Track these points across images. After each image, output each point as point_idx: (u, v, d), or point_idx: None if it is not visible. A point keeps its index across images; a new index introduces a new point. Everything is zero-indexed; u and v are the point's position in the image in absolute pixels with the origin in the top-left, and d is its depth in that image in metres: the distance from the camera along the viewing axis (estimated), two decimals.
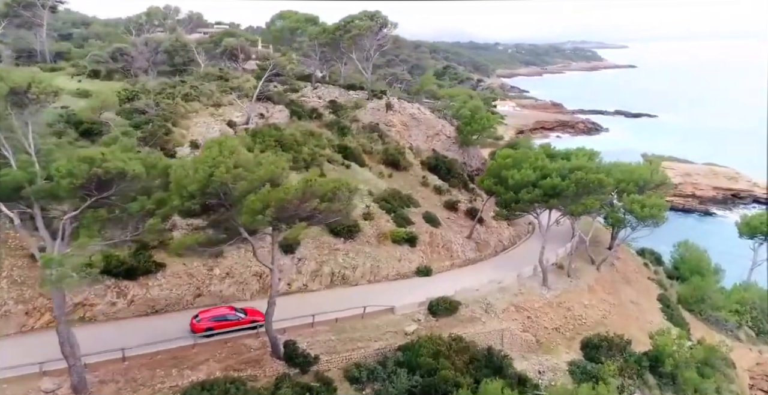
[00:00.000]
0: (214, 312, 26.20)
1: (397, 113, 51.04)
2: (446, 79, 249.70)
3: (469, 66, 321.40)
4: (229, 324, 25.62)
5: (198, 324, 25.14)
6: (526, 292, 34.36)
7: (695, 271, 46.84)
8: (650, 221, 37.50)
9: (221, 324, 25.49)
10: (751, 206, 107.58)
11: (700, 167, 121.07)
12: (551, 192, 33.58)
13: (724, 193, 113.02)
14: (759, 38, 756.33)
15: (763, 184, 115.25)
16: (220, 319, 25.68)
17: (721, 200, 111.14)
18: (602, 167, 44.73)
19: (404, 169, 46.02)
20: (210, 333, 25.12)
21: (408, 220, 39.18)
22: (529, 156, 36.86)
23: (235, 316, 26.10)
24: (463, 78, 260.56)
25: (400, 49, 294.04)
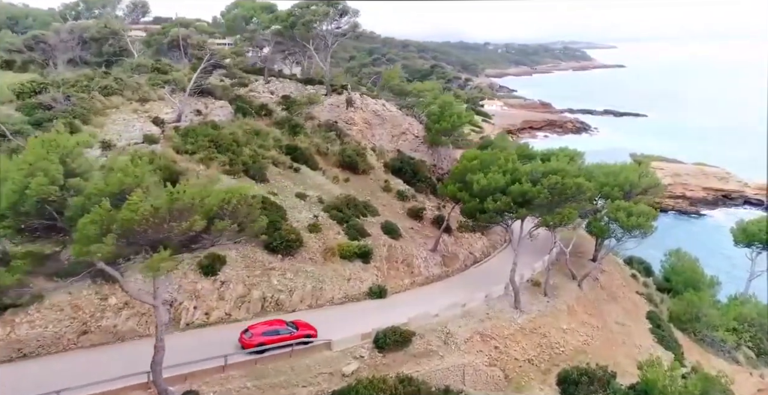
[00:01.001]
0: (264, 326, 24.40)
1: (359, 110, 45.95)
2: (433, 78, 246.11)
3: (458, 66, 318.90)
4: (281, 339, 23.88)
5: (249, 340, 23.43)
6: (495, 316, 29.39)
7: (688, 284, 42.36)
8: (637, 232, 32.78)
9: (273, 339, 23.71)
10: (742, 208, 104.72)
11: (689, 167, 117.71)
12: (521, 200, 28.69)
13: (715, 194, 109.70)
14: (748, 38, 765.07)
15: (754, 184, 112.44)
16: (272, 334, 23.88)
17: (712, 201, 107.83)
18: (584, 169, 40.20)
19: (363, 172, 40.92)
20: (262, 349, 23.25)
21: (362, 231, 34.07)
22: (498, 158, 31.94)
23: (287, 330, 24.43)
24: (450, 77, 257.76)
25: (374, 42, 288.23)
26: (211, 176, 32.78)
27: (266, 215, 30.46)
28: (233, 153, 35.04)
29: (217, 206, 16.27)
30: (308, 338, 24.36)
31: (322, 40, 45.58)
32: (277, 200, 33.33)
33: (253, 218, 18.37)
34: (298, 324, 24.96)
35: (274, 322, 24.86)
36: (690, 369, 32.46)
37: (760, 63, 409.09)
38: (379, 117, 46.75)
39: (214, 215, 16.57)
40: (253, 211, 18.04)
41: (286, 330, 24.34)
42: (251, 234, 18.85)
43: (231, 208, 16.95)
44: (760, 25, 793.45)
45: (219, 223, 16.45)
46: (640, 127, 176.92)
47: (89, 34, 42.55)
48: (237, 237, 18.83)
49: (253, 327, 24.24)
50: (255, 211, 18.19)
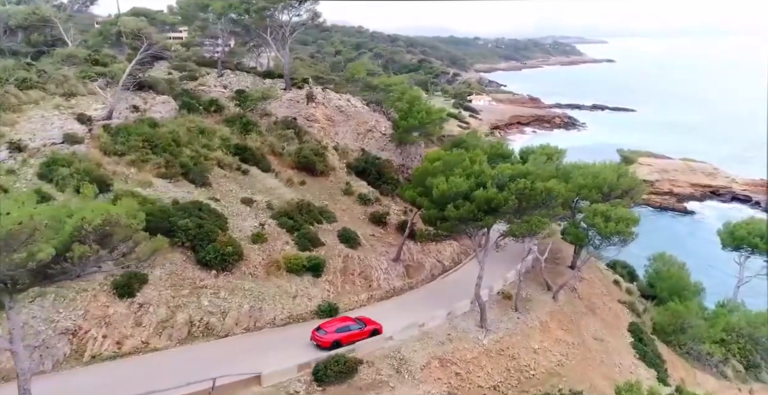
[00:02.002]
0: (336, 323, 24.88)
1: (321, 106, 42.32)
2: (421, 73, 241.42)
3: (447, 60, 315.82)
4: (353, 335, 24.44)
5: (325, 338, 23.80)
6: (457, 337, 26.21)
7: (673, 291, 39.60)
8: (616, 239, 29.73)
9: (347, 335, 24.24)
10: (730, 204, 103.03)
11: (677, 162, 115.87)
12: (486, 207, 25.42)
13: (702, 190, 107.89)
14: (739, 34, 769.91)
15: (742, 180, 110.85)
16: (345, 330, 24.41)
17: (699, 197, 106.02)
18: (562, 169, 37.13)
19: (322, 174, 37.42)
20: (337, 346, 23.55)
21: (315, 241, 30.67)
22: (463, 159, 28.62)
23: (357, 326, 25.00)
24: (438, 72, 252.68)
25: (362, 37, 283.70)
26: (142, 180, 29.30)
27: (201, 225, 27.46)
28: (171, 154, 31.37)
29: (71, 231, 12.72)
30: (375, 333, 24.87)
31: (281, 29, 41.80)
32: (218, 206, 29.80)
33: (137, 241, 14.87)
34: (363, 320, 25.53)
35: (343, 319, 25.56)
36: (674, 389, 29.71)
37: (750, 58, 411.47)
38: (343, 113, 43.17)
39: (73, 240, 13.06)
40: (133, 232, 14.53)
41: (356, 325, 24.97)
42: (138, 259, 15.37)
43: (98, 231, 13.44)
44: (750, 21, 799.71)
45: (77, 248, 12.95)
46: (629, 122, 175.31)
47: (15, 22, 38.38)
48: (121, 263, 15.38)
49: (325, 325, 24.73)
50: (136, 232, 14.67)
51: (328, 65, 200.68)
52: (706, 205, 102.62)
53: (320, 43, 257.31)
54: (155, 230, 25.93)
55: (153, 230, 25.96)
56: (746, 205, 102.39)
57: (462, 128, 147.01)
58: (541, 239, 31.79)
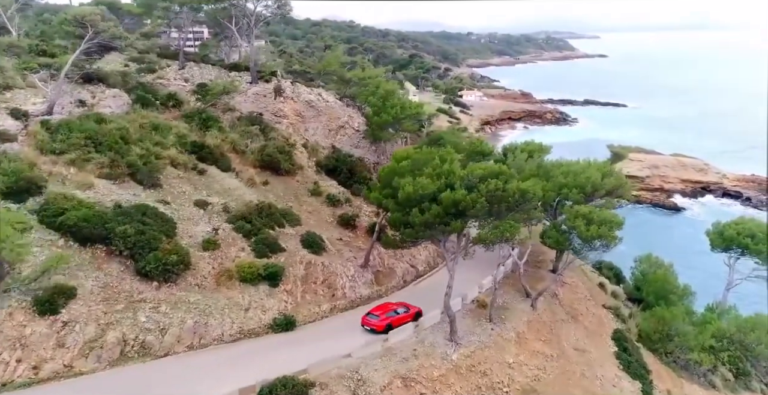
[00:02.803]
0: (384, 308, 26.31)
1: (290, 101, 39.73)
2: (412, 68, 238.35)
3: (439, 55, 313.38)
4: (402, 319, 25.88)
5: (378, 322, 25.15)
6: (424, 353, 24.00)
7: (660, 295, 37.73)
8: (598, 243, 27.63)
9: (396, 319, 25.66)
10: (720, 200, 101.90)
11: (667, 158, 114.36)
12: (454, 210, 23.15)
13: (693, 186, 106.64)
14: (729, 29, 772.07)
15: (732, 176, 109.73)
16: (394, 314, 25.85)
17: (690, 193, 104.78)
18: (543, 168, 34.96)
19: (288, 173, 34.95)
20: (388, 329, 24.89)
21: (275, 246, 28.29)
22: (433, 158, 26.29)
23: (404, 309, 26.54)
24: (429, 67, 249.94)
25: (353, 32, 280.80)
26: (82, 182, 26.69)
27: (143, 231, 24.94)
28: (117, 153, 28.73)
29: None
30: (418, 316, 26.28)
31: (246, 20, 39.08)
32: (167, 209, 27.30)
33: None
34: (405, 305, 26.92)
35: (386, 304, 26.79)
36: None
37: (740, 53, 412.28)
38: (313, 108, 40.61)
39: None
40: None
41: (402, 309, 26.44)
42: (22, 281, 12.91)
43: None
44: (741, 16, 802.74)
45: None
46: (620, 117, 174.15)
47: None
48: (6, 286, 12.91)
49: (375, 310, 26.17)
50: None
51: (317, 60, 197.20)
52: (696, 201, 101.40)
53: (310, 37, 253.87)
54: (88, 238, 23.77)
55: (86, 237, 23.81)
56: (737, 201, 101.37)
57: (452, 123, 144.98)
58: (520, 241, 29.58)
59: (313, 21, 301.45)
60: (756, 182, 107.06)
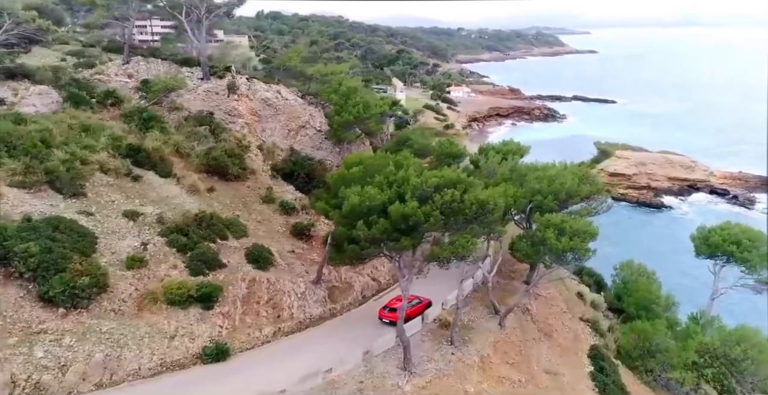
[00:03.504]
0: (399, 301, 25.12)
1: (245, 98, 36.57)
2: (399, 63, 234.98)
3: (428, 51, 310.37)
4: (417, 310, 26.85)
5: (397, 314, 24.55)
6: (371, 385, 21.29)
7: (641, 306, 35.45)
8: (570, 256, 25.06)
9: (412, 310, 26.04)
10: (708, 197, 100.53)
11: (655, 155, 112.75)
12: (404, 225, 20.38)
13: (680, 184, 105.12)
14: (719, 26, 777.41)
15: (719, 173, 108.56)
16: (410, 305, 25.73)
17: (677, 191, 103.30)
18: (516, 172, 32.30)
19: (238, 178, 31.92)
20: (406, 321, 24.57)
21: (213, 262, 25.34)
22: (387, 164, 23.45)
23: (417, 301, 27.34)
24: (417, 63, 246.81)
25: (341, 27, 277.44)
26: None
27: (50, 249, 21.79)
28: (35, 158, 25.53)
29: None
30: (428, 306, 27.41)
31: (196, 11, 35.79)
32: (89, 222, 24.22)
33: None
34: (417, 297, 27.26)
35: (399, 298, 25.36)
36: None
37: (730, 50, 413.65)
38: (271, 107, 37.48)
39: None
40: None
41: (416, 300, 27.17)
42: None
43: None
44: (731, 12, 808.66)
45: None
46: (609, 113, 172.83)
47: None
48: None
49: (391, 303, 26.85)
50: None
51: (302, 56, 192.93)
52: (683, 199, 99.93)
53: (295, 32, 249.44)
54: None
55: None
56: (724, 199, 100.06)
57: (439, 120, 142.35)
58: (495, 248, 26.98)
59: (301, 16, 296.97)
60: (743, 179, 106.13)
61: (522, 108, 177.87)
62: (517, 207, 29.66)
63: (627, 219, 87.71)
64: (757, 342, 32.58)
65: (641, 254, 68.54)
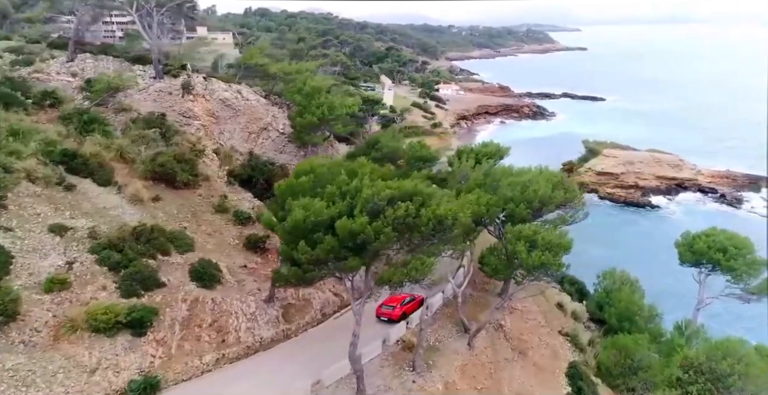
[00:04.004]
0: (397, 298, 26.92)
1: (201, 99, 33.96)
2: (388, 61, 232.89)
3: (418, 48, 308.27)
4: (412, 306, 27.28)
5: (393, 312, 26.45)
6: None
7: (623, 317, 33.60)
8: (542, 272, 22.97)
9: (408, 307, 27.09)
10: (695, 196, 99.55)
11: (643, 154, 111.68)
12: (351, 244, 18.07)
13: (668, 183, 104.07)
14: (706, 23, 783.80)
15: (707, 172, 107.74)
16: (406, 303, 27.08)
17: (665, 190, 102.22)
18: (491, 177, 30.13)
19: (188, 186, 29.38)
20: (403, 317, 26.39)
21: (151, 281, 22.87)
22: (339, 172, 21.10)
23: (411, 298, 27.48)
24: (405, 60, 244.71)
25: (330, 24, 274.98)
26: None
27: None
28: None
29: None
30: (422, 303, 26.51)
31: (146, 5, 33.06)
32: (7, 238, 21.60)
33: None
34: (410, 295, 27.21)
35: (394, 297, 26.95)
36: None
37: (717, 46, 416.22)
38: (230, 108, 34.91)
39: None
40: None
41: (409, 298, 27.38)
42: None
43: None
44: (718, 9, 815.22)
45: None
46: (598, 111, 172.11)
47: None
48: None
49: (388, 301, 27.19)
50: None
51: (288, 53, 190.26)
52: (671, 198, 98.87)
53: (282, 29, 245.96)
54: None
55: None
56: (711, 197, 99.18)
57: (427, 118, 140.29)
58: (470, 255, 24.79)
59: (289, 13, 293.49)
60: (730, 178, 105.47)
61: (511, 106, 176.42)
62: (489, 216, 27.50)
63: (614, 219, 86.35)
64: (743, 355, 30.80)
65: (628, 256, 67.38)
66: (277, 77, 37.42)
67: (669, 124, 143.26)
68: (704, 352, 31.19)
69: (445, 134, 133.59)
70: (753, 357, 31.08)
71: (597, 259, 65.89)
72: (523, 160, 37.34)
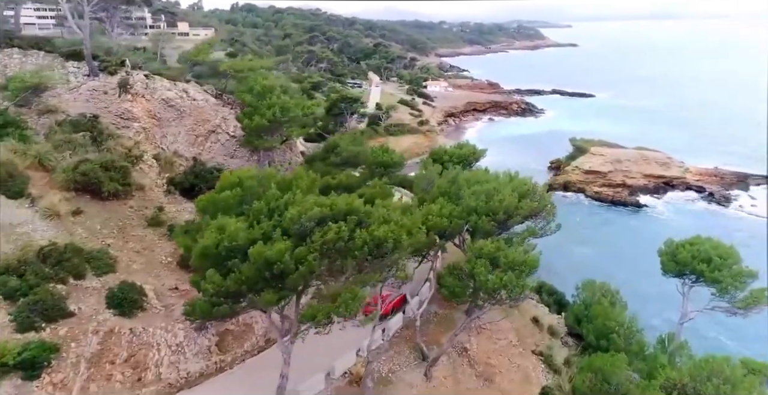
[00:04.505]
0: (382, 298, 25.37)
1: (141, 99, 30.76)
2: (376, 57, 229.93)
3: (407, 44, 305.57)
4: (398, 302, 27.93)
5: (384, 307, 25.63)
6: None
7: (602, 334, 31.12)
8: (504, 295, 20.31)
9: (394, 303, 27.71)
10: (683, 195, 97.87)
11: (631, 152, 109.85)
12: (268, 274, 15.20)
13: (656, 181, 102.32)
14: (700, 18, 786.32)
15: (695, 170, 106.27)
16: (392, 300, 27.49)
17: (653, 189, 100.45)
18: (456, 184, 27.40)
19: (117, 196, 26.24)
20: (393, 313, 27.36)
21: (56, 311, 19.81)
22: (265, 185, 18.18)
23: (396, 295, 28.18)
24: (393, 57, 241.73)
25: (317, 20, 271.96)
26: None
27: None
28: None
29: None
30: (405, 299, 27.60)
31: None
32: None
33: None
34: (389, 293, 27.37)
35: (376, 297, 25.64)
36: None
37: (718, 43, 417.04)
38: (174, 109, 31.72)
39: None
40: None
41: (394, 294, 27.86)
42: None
43: None
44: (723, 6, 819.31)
45: None
46: (587, 107, 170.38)
47: None
48: None
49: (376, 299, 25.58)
50: None
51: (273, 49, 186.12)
52: (659, 197, 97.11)
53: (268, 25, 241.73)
54: None
55: None
56: (700, 196, 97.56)
57: (414, 115, 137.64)
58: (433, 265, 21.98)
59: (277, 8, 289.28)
60: (718, 175, 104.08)
61: (500, 103, 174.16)
62: (451, 229, 24.79)
63: (600, 219, 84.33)
64: (729, 375, 28.55)
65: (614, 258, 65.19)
66: (228, 75, 34.24)
67: (659, 121, 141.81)
68: (688, 372, 28.81)
69: (432, 132, 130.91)
70: (738, 376, 28.80)
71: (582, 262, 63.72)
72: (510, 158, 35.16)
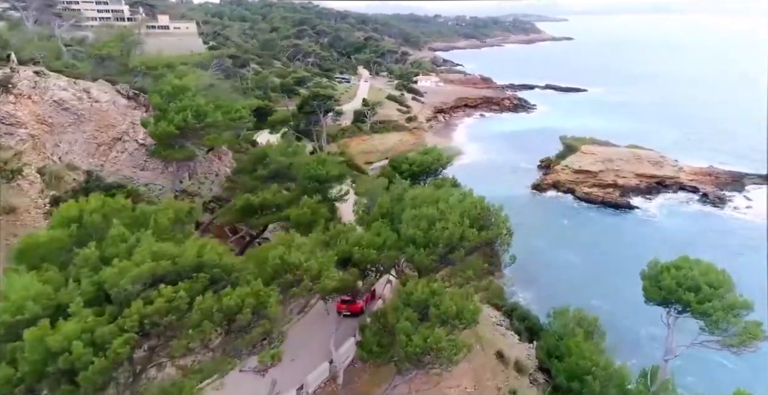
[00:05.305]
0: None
1: (27, 100, 25.99)
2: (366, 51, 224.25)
3: (400, 38, 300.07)
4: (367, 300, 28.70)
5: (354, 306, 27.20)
6: None
7: (574, 375, 26.83)
8: (434, 364, 15.83)
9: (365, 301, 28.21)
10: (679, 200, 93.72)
11: (623, 150, 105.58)
12: (56, 368, 10.62)
13: (648, 181, 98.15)
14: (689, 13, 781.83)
15: (689, 169, 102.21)
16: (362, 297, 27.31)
17: (645, 189, 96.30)
18: (401, 204, 22.88)
19: None
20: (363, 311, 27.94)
21: None
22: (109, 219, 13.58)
23: None
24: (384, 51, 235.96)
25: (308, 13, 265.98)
26: None
27: None
28: None
29: None
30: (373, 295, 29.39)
31: None
32: None
33: None
34: None
35: None
36: None
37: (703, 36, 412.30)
38: (70, 112, 26.98)
39: None
40: None
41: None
42: None
43: None
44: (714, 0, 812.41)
45: None
46: (580, 103, 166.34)
47: None
48: None
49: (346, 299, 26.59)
50: None
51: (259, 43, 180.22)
52: (651, 198, 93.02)
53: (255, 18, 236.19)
54: None
55: None
56: (694, 196, 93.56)
57: (402, 112, 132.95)
58: None
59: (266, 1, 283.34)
60: (713, 175, 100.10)
61: (491, 98, 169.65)
62: (383, 263, 20.28)
63: (590, 223, 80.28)
64: None
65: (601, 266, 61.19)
66: (139, 73, 29.41)
67: (653, 117, 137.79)
68: None
69: (419, 129, 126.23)
70: None
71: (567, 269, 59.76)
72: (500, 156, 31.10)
